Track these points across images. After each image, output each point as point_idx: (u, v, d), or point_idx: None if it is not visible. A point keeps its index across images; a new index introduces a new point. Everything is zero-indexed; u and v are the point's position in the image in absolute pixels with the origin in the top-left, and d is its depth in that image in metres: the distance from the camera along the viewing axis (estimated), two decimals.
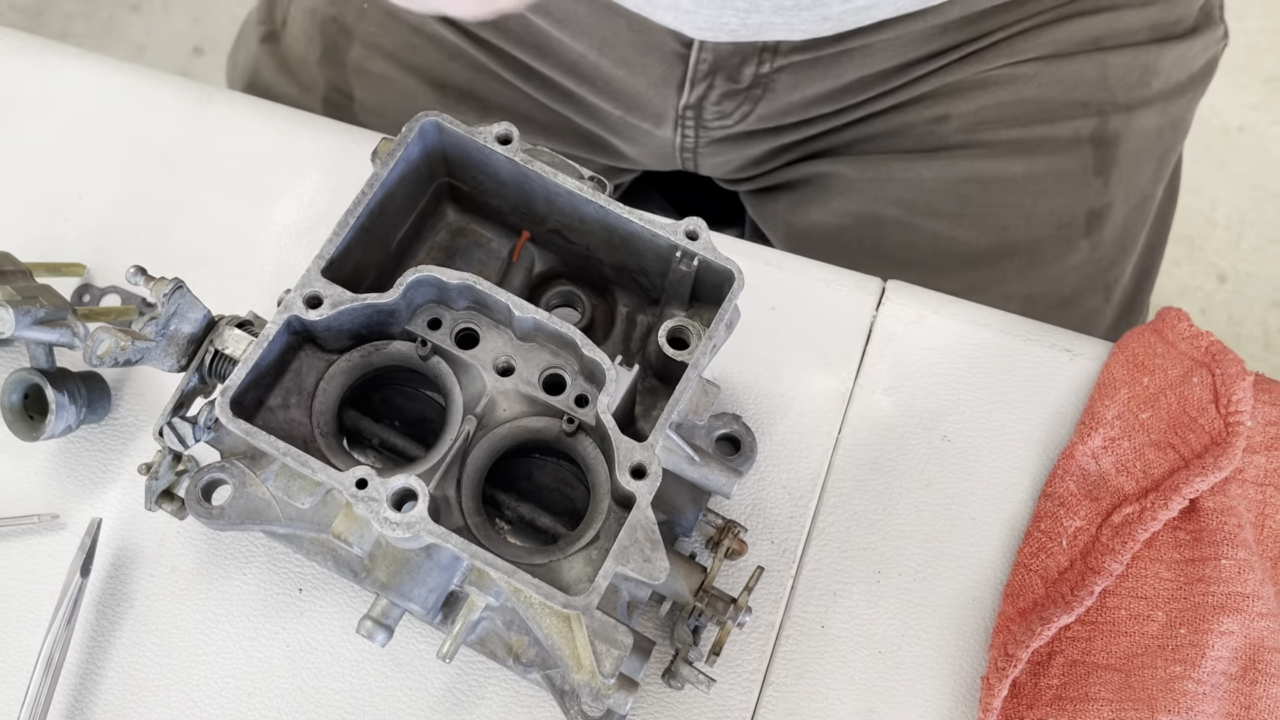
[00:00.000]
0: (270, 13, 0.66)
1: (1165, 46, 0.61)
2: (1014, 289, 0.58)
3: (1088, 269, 0.60)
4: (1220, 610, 0.40)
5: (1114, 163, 0.61)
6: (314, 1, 0.63)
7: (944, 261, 0.58)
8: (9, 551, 0.45)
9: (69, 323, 0.44)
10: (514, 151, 0.38)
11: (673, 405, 0.35)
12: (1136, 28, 0.62)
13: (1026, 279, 0.58)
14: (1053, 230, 0.60)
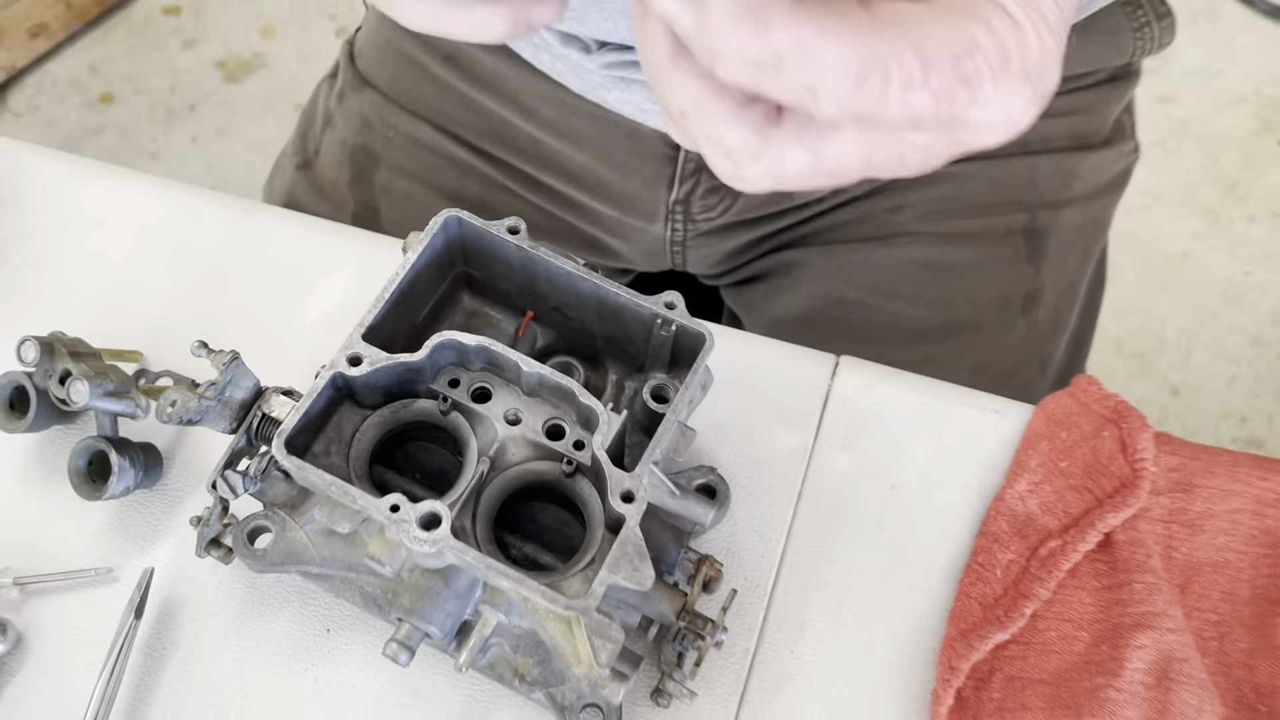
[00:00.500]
0: (304, 145, 0.75)
1: (1084, 154, 0.71)
2: (962, 361, 0.66)
3: (1025, 345, 0.68)
4: (1135, 628, 0.46)
5: (1044, 253, 0.70)
6: (345, 133, 0.72)
7: (901, 338, 0.65)
8: (68, 602, 0.51)
9: (132, 396, 0.50)
10: (522, 239, 0.45)
11: (656, 441, 0.42)
12: (1059, 136, 0.71)
13: (972, 353, 0.66)
14: (994, 311, 0.68)
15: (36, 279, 0.59)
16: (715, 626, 0.44)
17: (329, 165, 0.73)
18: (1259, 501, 0.49)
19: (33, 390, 0.52)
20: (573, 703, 0.45)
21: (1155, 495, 0.49)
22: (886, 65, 0.27)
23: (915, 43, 0.27)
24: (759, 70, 0.27)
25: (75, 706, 0.48)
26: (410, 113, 0.73)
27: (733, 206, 0.71)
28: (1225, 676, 0.46)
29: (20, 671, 0.50)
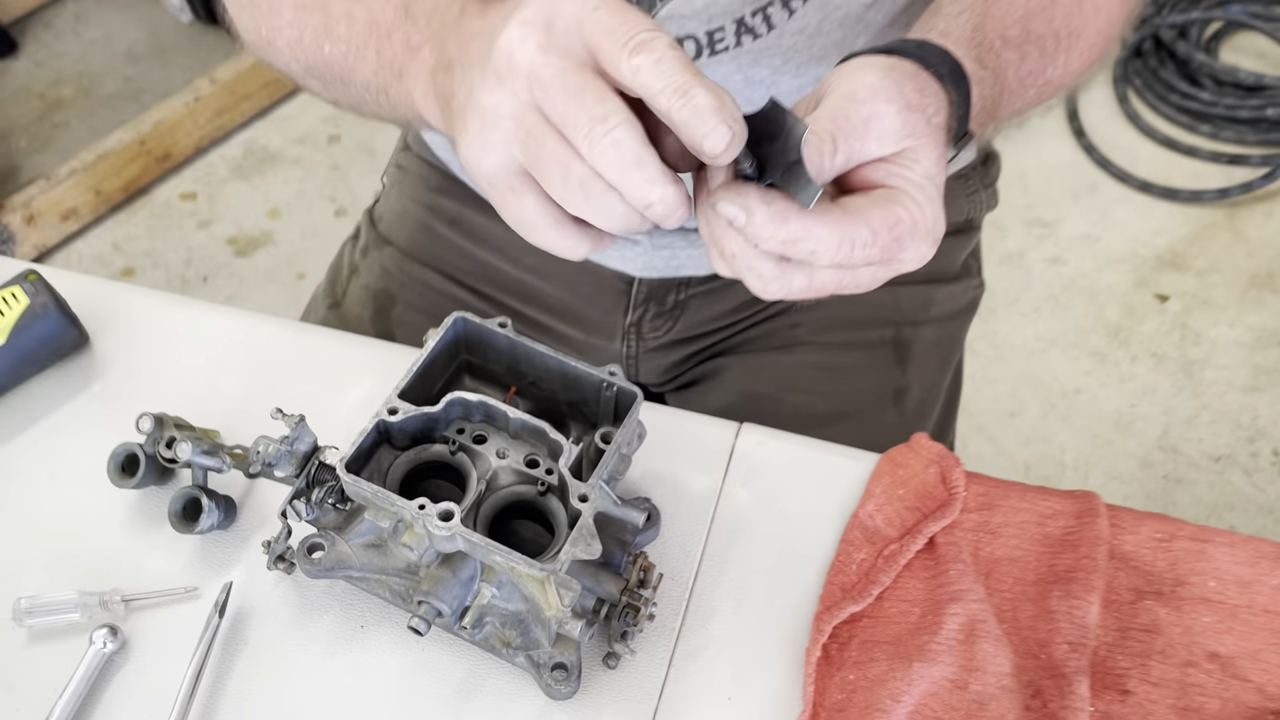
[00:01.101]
0: (333, 290, 0.96)
1: (937, 286, 0.92)
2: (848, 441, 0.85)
3: (897, 429, 0.87)
4: (950, 601, 0.63)
5: (909, 359, 0.90)
6: (368, 280, 0.93)
7: (802, 423, 0.84)
8: (162, 614, 0.67)
9: (220, 455, 0.68)
10: (509, 332, 0.65)
11: (604, 462, 0.60)
12: (917, 272, 0.93)
13: (856, 435, 0.85)
14: (871, 401, 0.88)
15: (134, 383, 0.77)
16: (647, 601, 0.61)
17: (354, 305, 0.94)
18: (1041, 515, 0.68)
19: (142, 456, 0.70)
20: (544, 662, 0.62)
21: (966, 512, 0.68)
22: (853, 238, 0.49)
23: (867, 223, 0.50)
24: (782, 244, 0.49)
25: (168, 690, 0.64)
26: (422, 263, 0.94)
27: (674, 328, 0.92)
28: (1016, 635, 0.63)
29: (125, 665, 0.66)
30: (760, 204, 0.48)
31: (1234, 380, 1.70)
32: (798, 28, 0.73)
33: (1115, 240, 1.88)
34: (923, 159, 0.52)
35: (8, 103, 2.24)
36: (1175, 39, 2.03)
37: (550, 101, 0.47)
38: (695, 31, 0.72)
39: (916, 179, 0.52)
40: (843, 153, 0.51)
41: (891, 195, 0.51)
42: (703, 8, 0.71)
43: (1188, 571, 0.65)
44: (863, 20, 0.75)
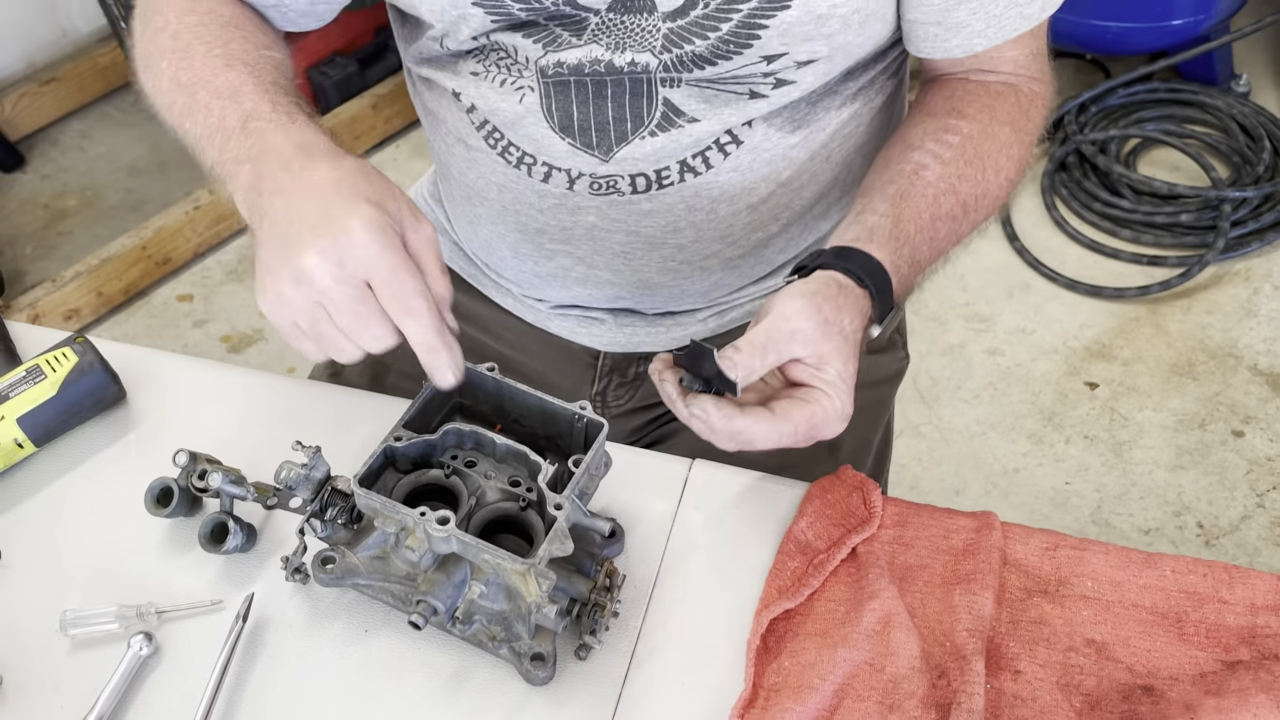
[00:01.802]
0: (334, 361, 1.08)
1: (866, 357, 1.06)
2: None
3: None
4: (869, 598, 0.75)
5: None
6: None
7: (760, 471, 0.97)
8: (190, 623, 0.77)
9: (245, 485, 0.79)
10: (496, 374, 0.77)
11: (578, 479, 0.72)
12: None
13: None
14: (810, 455, 0.99)
15: (165, 433, 0.89)
16: (612, 598, 0.73)
17: (352, 373, 1.06)
18: (946, 530, 0.80)
19: (176, 489, 0.81)
20: (524, 652, 0.72)
21: (884, 528, 0.80)
22: (780, 432, 0.71)
23: (790, 420, 0.71)
24: (731, 435, 0.71)
25: (195, 689, 0.73)
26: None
27: (635, 396, 1.05)
28: (925, 626, 0.75)
29: (158, 668, 0.75)
30: (714, 409, 0.71)
31: (1160, 459, 1.83)
32: (732, 167, 0.88)
33: (1047, 333, 2.03)
34: (834, 363, 0.72)
35: (15, 213, 2.38)
36: (1096, 153, 2.23)
37: (339, 314, 0.67)
38: (645, 170, 0.87)
39: (830, 378, 0.72)
40: (773, 354, 0.71)
41: (810, 395, 0.72)
42: (651, 153, 0.86)
43: (1069, 574, 0.77)
44: (787, 158, 0.90)
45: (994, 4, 0.83)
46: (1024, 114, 0.87)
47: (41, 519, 0.83)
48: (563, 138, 0.86)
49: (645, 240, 0.92)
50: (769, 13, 0.79)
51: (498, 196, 0.94)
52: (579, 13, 0.80)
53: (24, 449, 0.85)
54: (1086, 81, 2.46)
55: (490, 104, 0.87)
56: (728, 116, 0.85)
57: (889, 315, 0.78)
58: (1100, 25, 2.25)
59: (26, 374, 0.85)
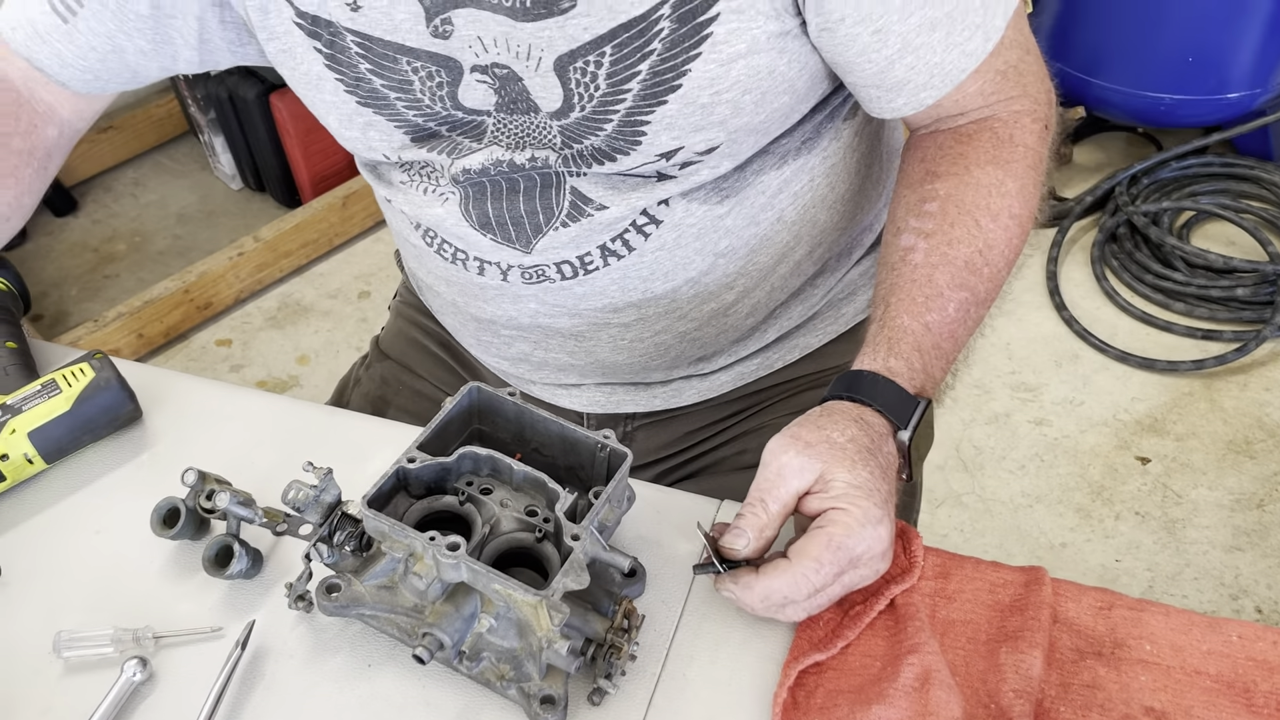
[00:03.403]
0: (339, 398, 1.07)
1: None
2: None
3: None
4: (908, 652, 0.69)
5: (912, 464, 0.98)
6: (368, 388, 1.05)
7: None
8: (188, 651, 0.74)
9: (254, 508, 0.76)
10: (517, 399, 0.74)
11: (597, 509, 0.68)
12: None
13: None
14: None
15: (180, 454, 0.86)
16: (629, 639, 0.68)
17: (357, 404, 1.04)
18: (992, 584, 0.74)
19: (183, 509, 0.78)
20: (534, 694, 0.67)
21: (925, 579, 0.75)
22: (803, 572, 0.68)
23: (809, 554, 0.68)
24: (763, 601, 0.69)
25: (189, 718, 0.70)
26: (414, 374, 1.06)
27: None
28: (967, 685, 0.69)
29: (151, 695, 0.72)
30: (732, 584, 0.70)
31: (1216, 539, 1.75)
32: (656, 246, 0.85)
33: (1097, 405, 1.97)
34: (838, 474, 0.69)
35: (64, 255, 2.41)
36: (1148, 225, 2.18)
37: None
38: (569, 257, 0.85)
39: (837, 492, 0.69)
40: (774, 501, 0.70)
41: (822, 520, 0.69)
42: (569, 241, 0.84)
43: (1126, 636, 0.71)
44: (719, 228, 0.86)
45: (930, 52, 0.77)
46: (1005, 142, 0.82)
47: (46, 537, 0.81)
48: (484, 235, 0.86)
49: (589, 322, 0.90)
50: (648, 108, 0.76)
51: (446, 290, 0.95)
52: (472, 117, 0.80)
53: (34, 465, 0.82)
54: (1138, 154, 2.42)
55: (418, 209, 0.88)
56: (637, 200, 0.82)
57: (916, 411, 0.75)
58: (1153, 97, 2.21)
59: (42, 388, 0.83)
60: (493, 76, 0.77)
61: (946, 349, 0.79)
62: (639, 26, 0.73)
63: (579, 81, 0.76)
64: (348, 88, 0.81)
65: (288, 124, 2.28)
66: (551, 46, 0.74)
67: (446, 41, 0.76)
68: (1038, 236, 2.28)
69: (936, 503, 1.84)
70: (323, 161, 2.38)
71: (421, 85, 0.79)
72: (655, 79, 0.75)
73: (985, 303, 0.82)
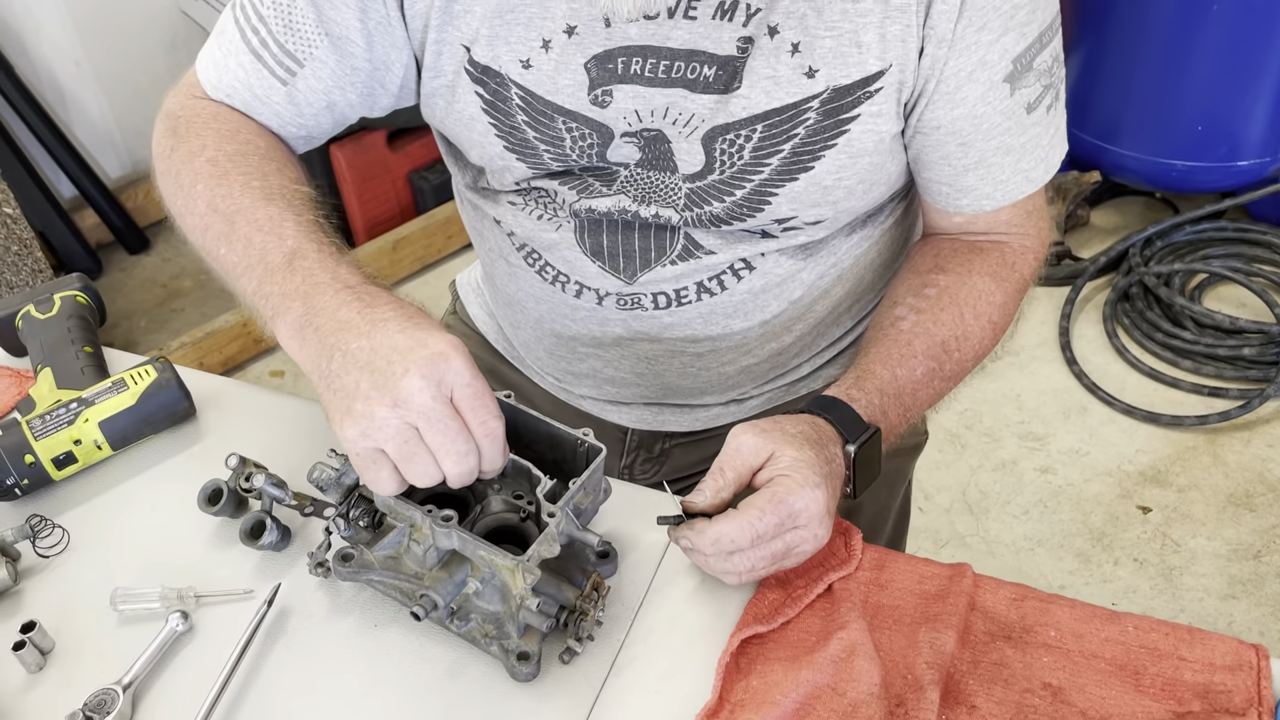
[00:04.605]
0: None
1: None
2: None
3: None
4: (839, 628, 0.79)
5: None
6: None
7: None
8: (224, 608, 0.86)
9: (286, 490, 0.88)
10: (511, 400, 0.86)
11: (573, 492, 0.79)
12: None
13: None
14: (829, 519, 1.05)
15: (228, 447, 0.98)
16: (597, 606, 0.79)
17: None
18: (921, 576, 0.84)
19: (225, 490, 0.90)
20: (512, 649, 0.79)
21: (862, 570, 0.85)
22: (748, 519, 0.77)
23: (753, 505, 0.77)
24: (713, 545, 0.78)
25: (221, 663, 0.81)
26: None
27: (661, 470, 1.13)
28: (888, 658, 0.79)
29: (190, 644, 0.84)
30: (687, 529, 0.79)
31: (1211, 587, 1.81)
32: (745, 289, 0.98)
33: (1102, 456, 2.04)
34: (785, 451, 0.79)
35: (135, 290, 2.59)
36: (1159, 285, 2.26)
37: (431, 433, 0.72)
38: (666, 290, 0.97)
39: (785, 465, 0.78)
40: (730, 471, 0.80)
41: (769, 484, 0.78)
42: (671, 277, 0.96)
43: (1034, 623, 0.81)
44: (796, 280, 0.98)
45: (1000, 170, 0.92)
46: (1008, 266, 0.95)
47: (110, 511, 0.94)
48: (593, 261, 0.97)
49: (666, 349, 1.02)
50: (780, 182, 0.89)
51: (535, 307, 1.04)
52: (610, 167, 0.91)
53: (102, 450, 0.96)
54: (1155, 217, 2.50)
55: (528, 231, 0.98)
56: (741, 250, 0.95)
57: (865, 433, 0.85)
58: (1166, 164, 2.31)
59: (112, 385, 0.97)
60: (640, 139, 0.89)
61: (907, 402, 0.91)
62: (790, 114, 0.86)
63: (724, 151, 0.88)
64: (499, 133, 0.91)
65: (345, 173, 2.46)
66: (712, 118, 0.86)
67: (604, 110, 0.87)
68: (1051, 295, 2.36)
69: (941, 543, 1.92)
70: (376, 209, 2.55)
71: (573, 144, 0.90)
72: (794, 158, 0.88)
73: (949, 380, 0.94)
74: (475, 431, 0.73)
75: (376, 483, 0.74)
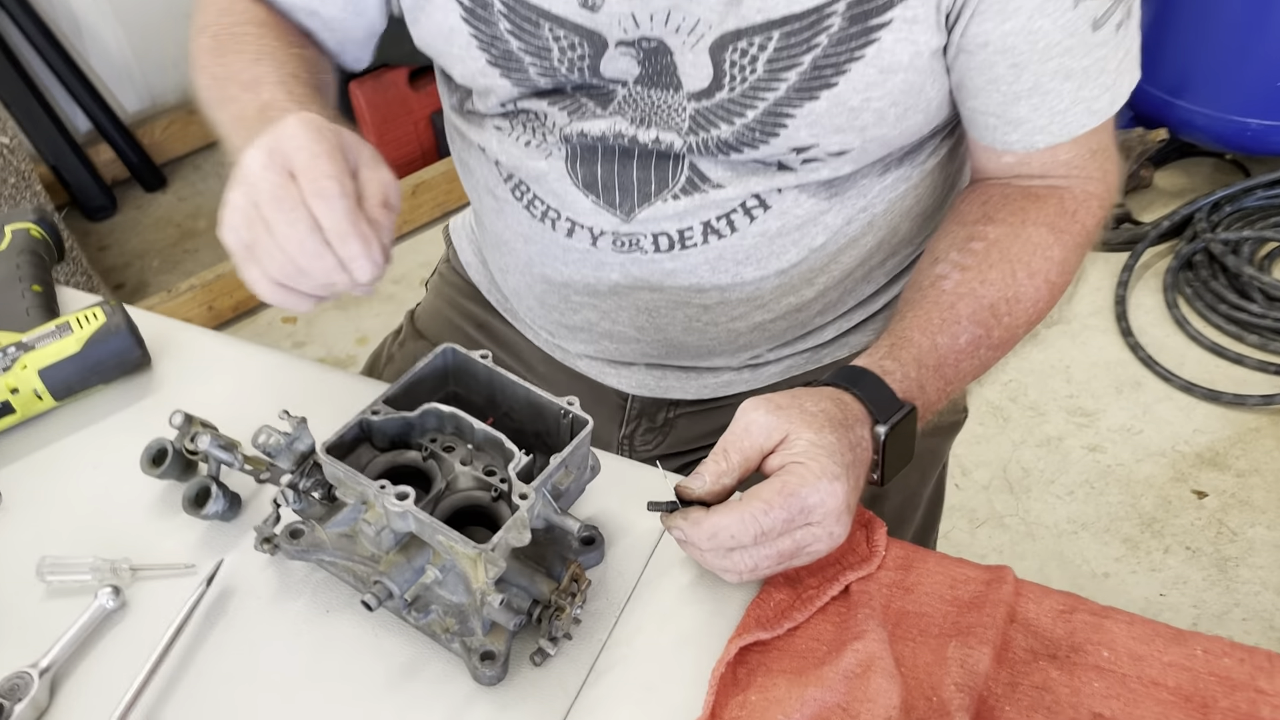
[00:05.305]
0: (372, 372, 1.10)
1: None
2: None
3: None
4: (854, 638, 0.68)
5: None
6: (401, 365, 1.06)
7: None
8: (161, 584, 0.76)
9: (234, 453, 0.79)
10: (488, 362, 0.75)
11: (551, 472, 0.68)
12: None
13: None
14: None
15: (181, 401, 0.89)
16: (573, 602, 0.68)
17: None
18: (954, 579, 0.73)
19: (170, 450, 0.81)
20: (475, 648, 0.68)
21: (885, 570, 0.73)
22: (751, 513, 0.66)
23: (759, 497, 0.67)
24: (710, 540, 0.67)
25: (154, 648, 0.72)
26: None
27: (664, 443, 1.01)
28: (911, 677, 0.68)
29: (121, 623, 0.74)
30: (681, 519, 0.69)
31: (1269, 581, 1.68)
32: (758, 231, 0.85)
33: (1156, 435, 1.90)
34: (802, 433, 0.68)
35: (149, 229, 2.51)
36: (1226, 254, 2.10)
37: (264, 206, 0.65)
38: (669, 230, 0.85)
39: (799, 450, 0.68)
40: (736, 453, 0.69)
41: (780, 471, 0.68)
42: (674, 214, 0.84)
43: (1084, 640, 0.69)
44: (820, 224, 0.86)
45: (1058, 99, 0.78)
46: (1068, 215, 0.82)
47: (47, 469, 0.85)
48: (586, 195, 0.86)
49: (669, 299, 0.90)
50: (797, 102, 0.77)
51: (524, 248, 0.94)
52: (605, 84, 0.80)
53: (43, 401, 0.86)
54: (1224, 180, 2.33)
55: (515, 160, 0.88)
56: (754, 184, 0.82)
57: (898, 413, 0.74)
58: (1240, 122, 2.14)
59: (56, 329, 0.87)
60: (639, 49, 0.77)
61: (948, 375, 0.78)
62: (811, 19, 0.74)
63: (735, 63, 0.76)
64: (481, 44, 0.81)
65: (364, 112, 2.35)
66: (720, 23, 0.75)
67: (594, 15, 0.77)
68: (1108, 261, 2.21)
69: (978, 522, 1.80)
70: (397, 150, 2.44)
71: (561, 55, 0.79)
72: (814, 73, 0.76)
73: (996, 348, 0.81)
74: (305, 195, 0.65)
75: (251, 284, 0.69)
